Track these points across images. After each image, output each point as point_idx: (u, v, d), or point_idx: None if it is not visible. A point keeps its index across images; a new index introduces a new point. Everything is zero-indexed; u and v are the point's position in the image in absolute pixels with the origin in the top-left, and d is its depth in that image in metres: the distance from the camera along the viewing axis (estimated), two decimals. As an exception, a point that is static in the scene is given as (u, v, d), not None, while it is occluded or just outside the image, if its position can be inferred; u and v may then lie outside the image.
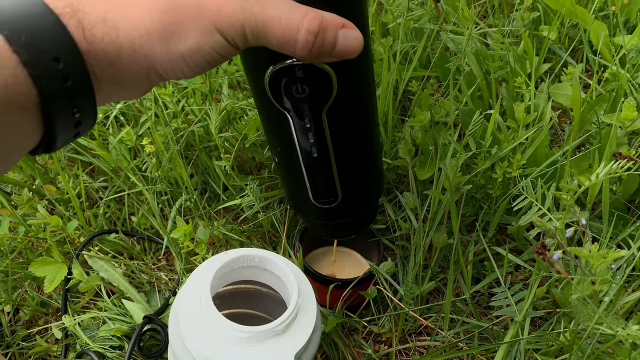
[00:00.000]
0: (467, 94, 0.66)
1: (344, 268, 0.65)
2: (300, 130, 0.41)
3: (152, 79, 0.30)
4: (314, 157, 0.43)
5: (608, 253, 0.42)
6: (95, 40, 0.27)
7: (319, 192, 0.47)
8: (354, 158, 0.46)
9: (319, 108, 0.39)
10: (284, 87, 0.37)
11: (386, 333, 0.58)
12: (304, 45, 0.30)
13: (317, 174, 0.45)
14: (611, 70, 0.67)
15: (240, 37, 0.30)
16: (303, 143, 0.42)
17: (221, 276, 0.42)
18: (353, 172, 0.47)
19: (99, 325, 0.58)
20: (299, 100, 0.38)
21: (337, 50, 0.31)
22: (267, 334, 0.38)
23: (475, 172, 0.60)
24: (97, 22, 0.27)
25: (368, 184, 0.50)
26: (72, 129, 0.28)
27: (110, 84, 0.28)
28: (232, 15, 0.29)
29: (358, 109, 0.43)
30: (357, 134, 0.45)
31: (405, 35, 0.75)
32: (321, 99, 0.38)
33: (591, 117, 0.63)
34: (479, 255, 0.61)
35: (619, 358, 0.43)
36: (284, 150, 0.44)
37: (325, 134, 0.41)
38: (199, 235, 0.60)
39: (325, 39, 0.31)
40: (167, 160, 0.66)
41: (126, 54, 0.28)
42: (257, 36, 0.30)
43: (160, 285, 0.63)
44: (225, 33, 0.29)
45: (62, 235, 0.64)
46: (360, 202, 0.51)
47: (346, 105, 0.41)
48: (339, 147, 0.43)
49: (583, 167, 0.61)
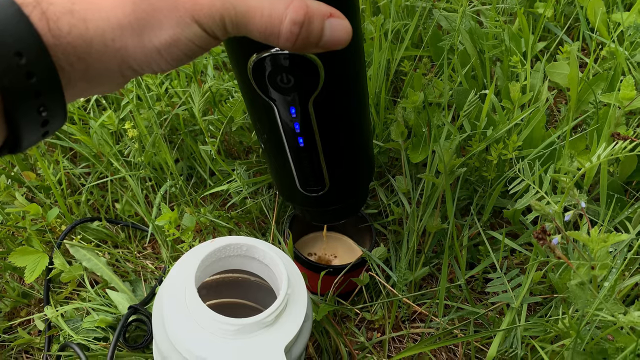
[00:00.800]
0: (461, 74, 0.64)
1: (337, 254, 0.64)
2: (286, 120, 0.39)
3: (127, 74, 0.28)
4: (300, 147, 0.41)
5: (608, 237, 0.41)
6: (62, 33, 0.25)
7: (306, 180, 0.45)
8: (342, 147, 0.44)
9: (305, 98, 0.37)
10: (268, 76, 0.35)
11: (379, 320, 0.56)
12: (288, 36, 0.28)
13: (304, 163, 0.43)
14: (609, 48, 0.65)
15: (219, 28, 0.27)
16: (289, 133, 0.40)
17: (207, 265, 0.40)
18: (341, 162, 0.45)
19: (82, 316, 0.56)
20: (284, 90, 0.36)
21: (323, 41, 0.29)
22: (256, 326, 0.36)
23: (470, 155, 0.58)
24: (64, 13, 0.25)
25: (356, 172, 0.48)
26: (39, 129, 0.26)
27: (81, 80, 0.26)
28: (211, 6, 0.26)
29: (347, 99, 0.41)
30: (345, 123, 0.42)
31: (397, 14, 0.72)
32: (307, 89, 0.36)
33: (588, 97, 0.61)
34: (473, 239, 0.60)
35: (618, 344, 0.42)
36: (270, 138, 0.42)
37: (312, 124, 0.39)
38: (185, 223, 0.58)
39: (310, 29, 0.28)
40: (150, 144, 0.64)
41: (97, 48, 0.26)
42: (237, 27, 0.27)
43: (146, 274, 0.61)
44: (204, 24, 0.27)
45: (42, 223, 0.62)
46: (348, 190, 0.49)
47: (334, 94, 0.38)
48: (327, 137, 0.41)
49: (580, 148, 0.60)
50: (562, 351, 0.45)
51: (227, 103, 0.61)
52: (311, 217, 0.52)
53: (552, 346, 0.47)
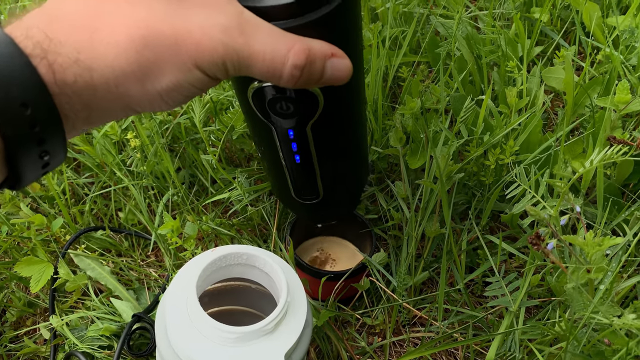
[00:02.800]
0: (458, 80, 0.65)
1: (337, 259, 0.64)
2: (284, 140, 0.40)
3: (128, 114, 0.29)
4: (296, 163, 0.42)
5: (603, 241, 0.41)
6: (68, 83, 0.25)
7: (300, 191, 0.46)
8: (338, 165, 0.46)
9: (303, 123, 0.38)
10: (268, 103, 0.36)
11: (380, 325, 0.57)
12: (289, 79, 0.29)
13: (299, 177, 0.44)
14: (604, 52, 0.66)
15: (221, 71, 0.28)
16: (286, 151, 0.41)
17: (208, 275, 0.41)
18: (336, 176, 0.46)
19: (87, 324, 0.57)
20: (283, 116, 0.37)
21: (324, 80, 0.30)
22: (256, 333, 0.37)
23: (468, 160, 0.59)
24: (70, 64, 0.25)
25: (351, 183, 0.50)
26: (40, 170, 0.27)
27: (83, 123, 0.27)
28: (213, 51, 0.27)
29: (344, 122, 0.42)
30: (342, 144, 0.44)
31: (395, 20, 0.73)
32: (306, 115, 0.37)
33: (584, 101, 0.61)
34: (472, 243, 0.61)
35: (615, 347, 0.43)
36: (267, 151, 0.43)
37: (309, 145, 0.40)
38: (187, 231, 0.59)
39: (312, 71, 0.29)
40: (152, 154, 0.65)
41: (101, 94, 0.26)
42: (239, 69, 0.28)
43: (149, 282, 0.62)
44: (205, 69, 0.28)
45: (47, 233, 0.63)
46: (342, 198, 0.50)
47: (332, 119, 0.39)
48: (323, 157, 0.42)
49: (577, 152, 0.60)
50: (559, 353, 0.45)
51: (227, 112, 0.62)
52: (307, 218, 0.53)
53: (550, 349, 0.47)
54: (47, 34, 0.25)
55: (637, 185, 0.60)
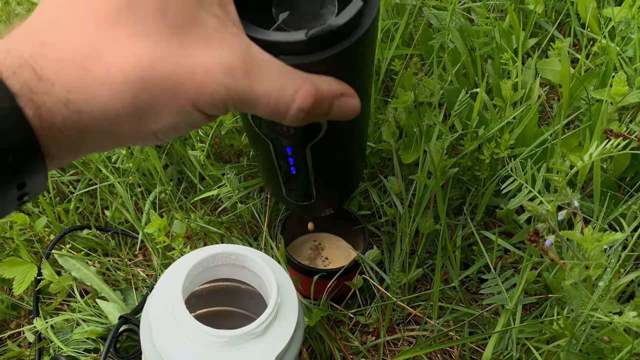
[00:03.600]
0: (452, 72, 0.64)
1: (331, 257, 0.63)
2: (281, 155, 0.38)
3: (116, 147, 0.27)
4: (292, 173, 0.40)
5: (602, 236, 0.40)
6: (55, 125, 0.23)
7: (293, 195, 0.45)
8: (334, 177, 0.44)
9: (303, 145, 0.36)
10: (268, 124, 0.34)
11: (373, 324, 0.56)
12: (293, 120, 0.27)
13: (293, 185, 0.43)
14: (600, 43, 0.65)
15: (220, 111, 0.26)
16: (282, 162, 0.39)
17: (195, 276, 0.40)
18: (330, 184, 0.45)
19: (72, 327, 0.55)
20: (283, 136, 0.35)
21: (329, 117, 0.29)
22: (245, 337, 0.36)
23: (462, 154, 0.57)
24: (58, 106, 0.23)
25: (345, 187, 0.48)
26: (16, 203, 0.25)
27: (70, 156, 0.26)
28: (215, 94, 0.25)
29: (345, 145, 0.40)
30: (340, 161, 0.42)
31: (387, 12, 0.72)
32: (307, 139, 0.35)
33: (580, 93, 0.60)
34: (467, 239, 0.59)
35: (615, 344, 0.42)
36: (261, 155, 0.42)
37: (306, 162, 0.38)
38: (175, 229, 0.57)
39: (318, 111, 0.28)
40: (138, 150, 0.63)
41: (91, 135, 0.25)
42: (240, 109, 0.27)
43: (137, 282, 0.61)
44: (205, 109, 0.26)
45: (30, 233, 0.61)
46: (335, 200, 0.49)
47: (333, 142, 0.38)
48: (319, 171, 0.41)
49: (573, 145, 0.59)
50: (558, 352, 0.44)
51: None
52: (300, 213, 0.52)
53: (548, 346, 0.46)
54: (36, 71, 0.23)
55: (634, 179, 0.59)
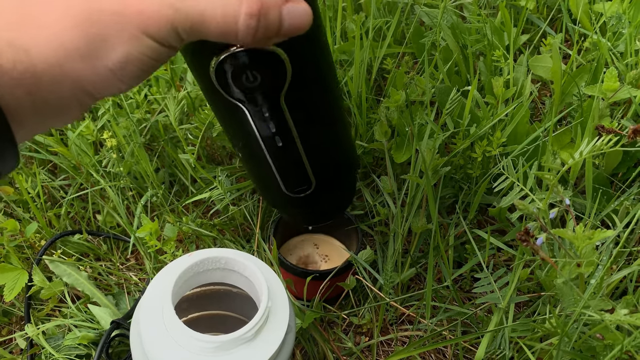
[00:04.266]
0: (444, 71, 0.63)
1: (328, 258, 0.63)
2: (259, 121, 0.37)
3: (84, 101, 0.26)
4: (278, 146, 0.39)
5: (594, 234, 0.40)
6: (5, 70, 0.23)
7: (290, 182, 0.44)
8: (322, 141, 0.43)
9: (275, 94, 0.35)
10: (233, 77, 0.33)
11: (367, 324, 0.56)
12: (246, 31, 0.27)
13: (285, 163, 0.42)
14: (591, 39, 0.64)
15: (172, 37, 0.26)
16: (264, 134, 0.38)
17: (185, 281, 0.39)
18: (323, 156, 0.44)
19: (64, 333, 0.55)
20: (252, 90, 0.34)
21: (284, 29, 0.28)
22: (236, 342, 0.35)
23: (454, 153, 0.57)
24: (4, 49, 0.23)
25: (341, 164, 0.47)
26: None
27: (33, 115, 0.25)
28: (159, 16, 0.25)
29: (318, 88, 0.39)
30: (321, 115, 0.41)
31: (378, 11, 0.71)
32: (276, 84, 0.35)
33: (572, 89, 0.60)
34: (460, 238, 0.59)
35: (607, 342, 0.42)
36: (245, 144, 0.41)
37: (287, 122, 0.37)
38: (167, 233, 0.57)
39: (268, 20, 0.27)
40: (129, 154, 0.63)
41: (46, 78, 0.24)
42: (192, 33, 0.26)
43: (129, 286, 0.60)
44: (155, 35, 0.25)
45: (21, 239, 0.60)
46: (335, 184, 0.48)
47: (305, 86, 0.37)
48: (304, 132, 0.39)
49: (565, 142, 0.59)
50: (551, 350, 0.44)
51: (204, 109, 0.59)
52: (301, 219, 0.50)
53: (541, 344, 0.46)
54: None
55: (626, 175, 0.59)
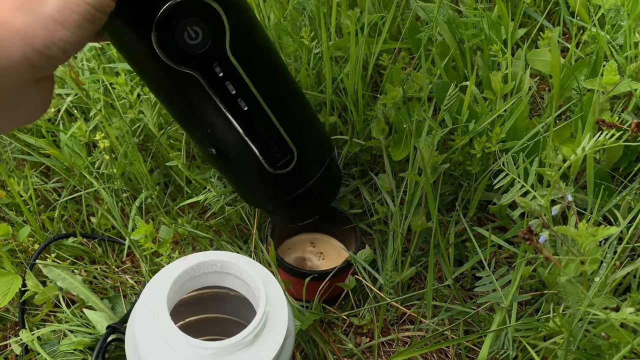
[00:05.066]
0: (441, 66, 0.62)
1: (324, 256, 0.62)
2: (215, 86, 0.38)
3: (34, 59, 0.25)
4: (245, 110, 0.40)
5: (597, 230, 0.39)
6: None
7: (270, 153, 0.44)
8: (284, 96, 0.44)
9: (221, 48, 0.37)
10: (177, 40, 0.35)
11: (367, 325, 0.55)
12: None
13: (257, 129, 0.42)
14: (590, 32, 0.64)
15: None
16: (226, 100, 0.39)
17: (180, 285, 0.38)
18: (292, 114, 0.45)
19: (59, 338, 0.54)
20: (197, 47, 0.36)
21: None
22: (233, 347, 0.35)
23: (453, 149, 0.56)
24: None
25: (314, 128, 0.48)
26: None
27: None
28: None
29: (259, 38, 0.41)
30: (271, 67, 0.43)
31: (374, 6, 0.70)
32: (217, 35, 0.36)
33: (571, 83, 0.59)
34: (460, 235, 0.58)
35: (612, 340, 0.41)
36: (213, 126, 0.41)
37: (242, 77, 0.39)
38: (162, 235, 0.56)
39: None
40: (122, 155, 0.61)
41: None
42: None
43: (125, 289, 0.59)
44: None
45: (13, 243, 0.59)
46: (316, 153, 0.48)
47: (245, 35, 0.39)
48: (263, 87, 0.41)
49: (565, 137, 0.58)
50: (555, 349, 0.44)
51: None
52: (290, 213, 0.50)
53: (545, 343, 0.45)
54: None
55: (628, 169, 0.58)
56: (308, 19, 0.69)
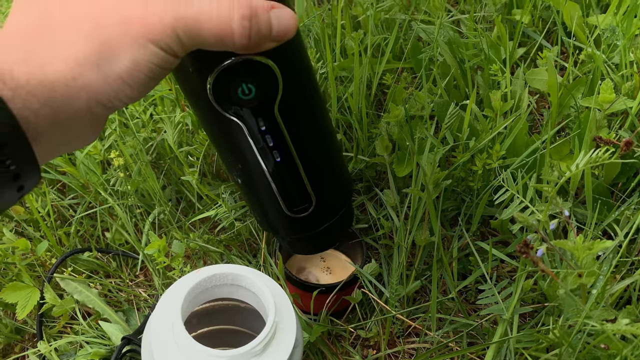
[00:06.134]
0: (442, 86, 0.65)
1: (331, 270, 0.63)
2: (257, 136, 0.39)
3: (97, 111, 0.28)
4: (277, 162, 0.41)
5: (594, 244, 0.41)
6: (20, 84, 0.25)
7: (291, 199, 0.45)
8: (317, 153, 0.45)
9: (269, 106, 0.38)
10: (231, 92, 0.36)
11: (374, 337, 0.56)
12: (242, 32, 0.29)
13: (284, 179, 0.43)
14: (586, 51, 0.66)
15: (175, 43, 0.28)
16: (263, 149, 0.40)
17: (194, 296, 0.40)
18: (320, 170, 0.46)
19: (76, 349, 0.56)
20: (247, 102, 0.37)
21: (274, 32, 0.31)
22: (244, 356, 0.36)
23: (455, 166, 0.58)
24: (17, 64, 0.25)
25: (337, 180, 0.49)
26: (11, 183, 0.26)
27: (51, 127, 0.26)
28: (161, 22, 0.27)
29: (308, 97, 0.43)
30: (313, 126, 0.44)
31: (376, 27, 0.73)
32: (269, 94, 0.37)
33: (569, 102, 0.61)
34: (464, 250, 0.60)
35: (612, 351, 0.42)
36: (244, 165, 0.42)
37: (282, 133, 0.40)
38: (174, 250, 0.58)
39: (260, 22, 0.30)
40: (136, 172, 0.64)
41: (60, 91, 0.26)
42: (191, 36, 0.29)
43: (139, 302, 0.61)
44: (159, 42, 0.28)
45: (32, 258, 0.61)
46: (334, 202, 0.49)
47: (295, 96, 0.40)
48: (300, 144, 0.42)
49: (564, 153, 0.60)
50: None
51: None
52: (301, 245, 0.51)
53: (547, 355, 0.47)
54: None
55: (626, 184, 0.60)
56: (313, 40, 0.72)
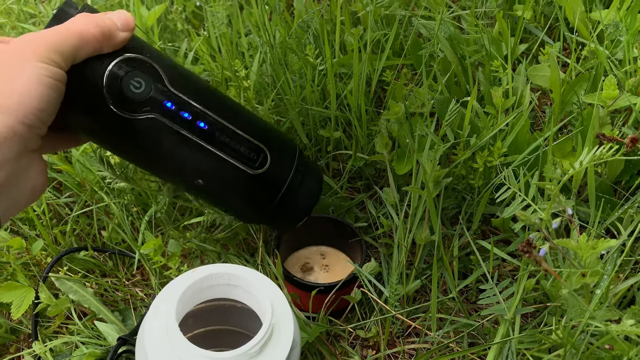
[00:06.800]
0: (442, 82, 0.64)
1: (330, 269, 0.63)
2: (173, 117, 0.44)
3: (21, 132, 0.33)
4: (205, 129, 0.46)
5: (597, 243, 0.40)
6: None
7: (245, 155, 0.48)
8: (232, 110, 0.50)
9: (162, 85, 0.44)
10: (125, 92, 0.42)
11: (373, 337, 0.55)
12: (101, 35, 0.40)
13: (222, 139, 0.47)
14: (589, 47, 0.65)
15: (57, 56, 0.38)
16: (187, 127, 0.45)
17: (189, 297, 0.39)
18: (246, 121, 0.50)
19: (72, 350, 0.55)
20: (145, 94, 0.43)
21: (121, 24, 0.41)
22: (240, 358, 0.35)
23: (455, 164, 0.57)
24: None
25: (274, 130, 0.54)
26: None
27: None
28: None
29: (184, 69, 0.50)
30: (207, 86, 0.50)
31: (376, 23, 0.72)
32: (156, 78, 0.44)
33: (572, 98, 0.60)
34: (465, 249, 0.59)
35: (616, 352, 0.41)
36: (191, 158, 0.46)
37: (190, 103, 0.45)
38: (170, 249, 0.57)
39: (105, 24, 0.41)
40: (132, 170, 0.63)
41: None
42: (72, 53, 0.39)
43: (135, 302, 0.60)
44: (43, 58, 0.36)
45: (27, 257, 0.61)
46: (283, 150, 0.52)
47: (175, 70, 0.46)
48: (208, 103, 0.46)
49: (566, 150, 0.59)
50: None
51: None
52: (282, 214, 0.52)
53: (549, 356, 0.46)
54: None
55: (629, 182, 0.59)
56: (313, 36, 0.71)
